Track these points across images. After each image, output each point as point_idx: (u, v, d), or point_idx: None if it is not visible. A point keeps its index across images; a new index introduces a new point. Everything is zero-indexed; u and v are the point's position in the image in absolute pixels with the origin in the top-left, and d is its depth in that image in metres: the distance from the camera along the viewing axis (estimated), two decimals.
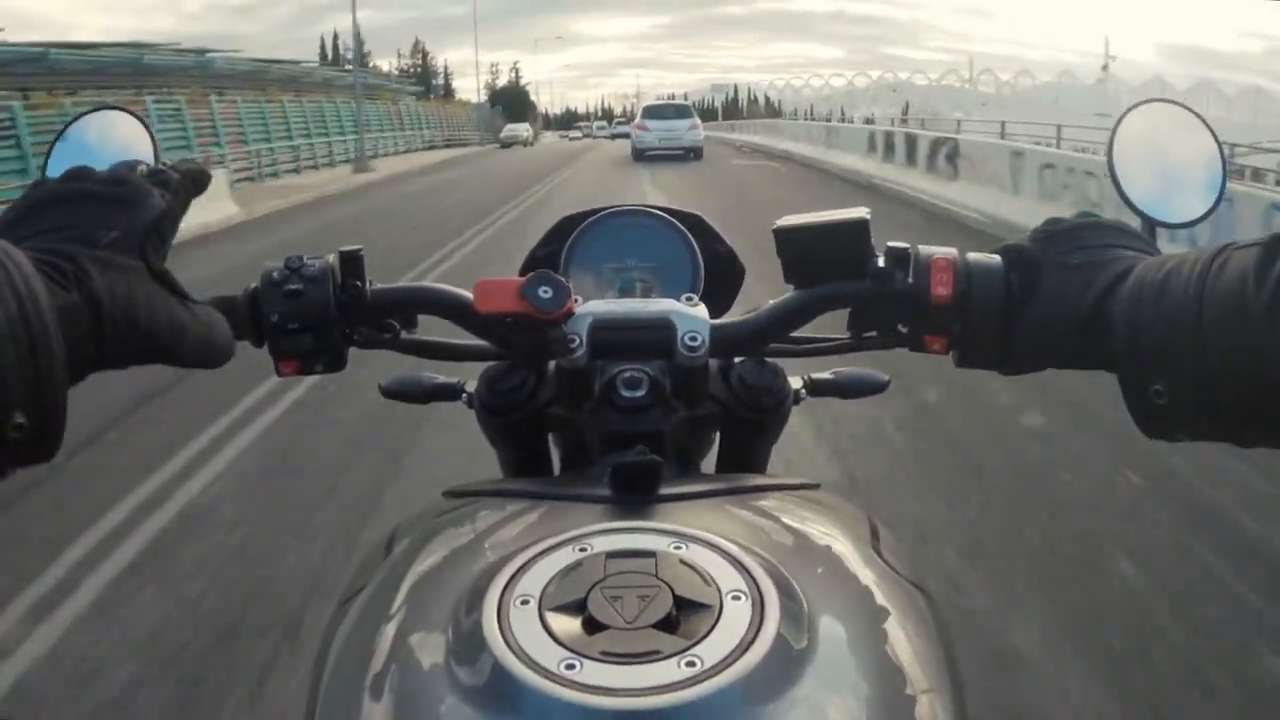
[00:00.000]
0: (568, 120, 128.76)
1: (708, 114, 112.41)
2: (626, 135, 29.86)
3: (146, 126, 0.74)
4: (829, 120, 42.88)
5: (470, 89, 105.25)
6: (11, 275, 0.44)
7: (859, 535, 0.61)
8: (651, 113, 24.13)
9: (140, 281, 0.51)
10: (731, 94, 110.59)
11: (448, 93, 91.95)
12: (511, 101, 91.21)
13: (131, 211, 0.52)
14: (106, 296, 0.48)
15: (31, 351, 0.44)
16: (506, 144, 46.00)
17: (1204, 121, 0.75)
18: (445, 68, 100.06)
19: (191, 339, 0.54)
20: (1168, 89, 46.55)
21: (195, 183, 0.57)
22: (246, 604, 2.46)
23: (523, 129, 50.40)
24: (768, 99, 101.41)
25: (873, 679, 0.47)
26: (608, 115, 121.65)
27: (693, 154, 22.11)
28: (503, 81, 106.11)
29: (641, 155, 22.23)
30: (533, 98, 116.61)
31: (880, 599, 0.53)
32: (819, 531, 0.60)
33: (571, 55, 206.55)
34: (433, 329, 0.77)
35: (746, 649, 0.43)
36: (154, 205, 0.53)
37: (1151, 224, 0.71)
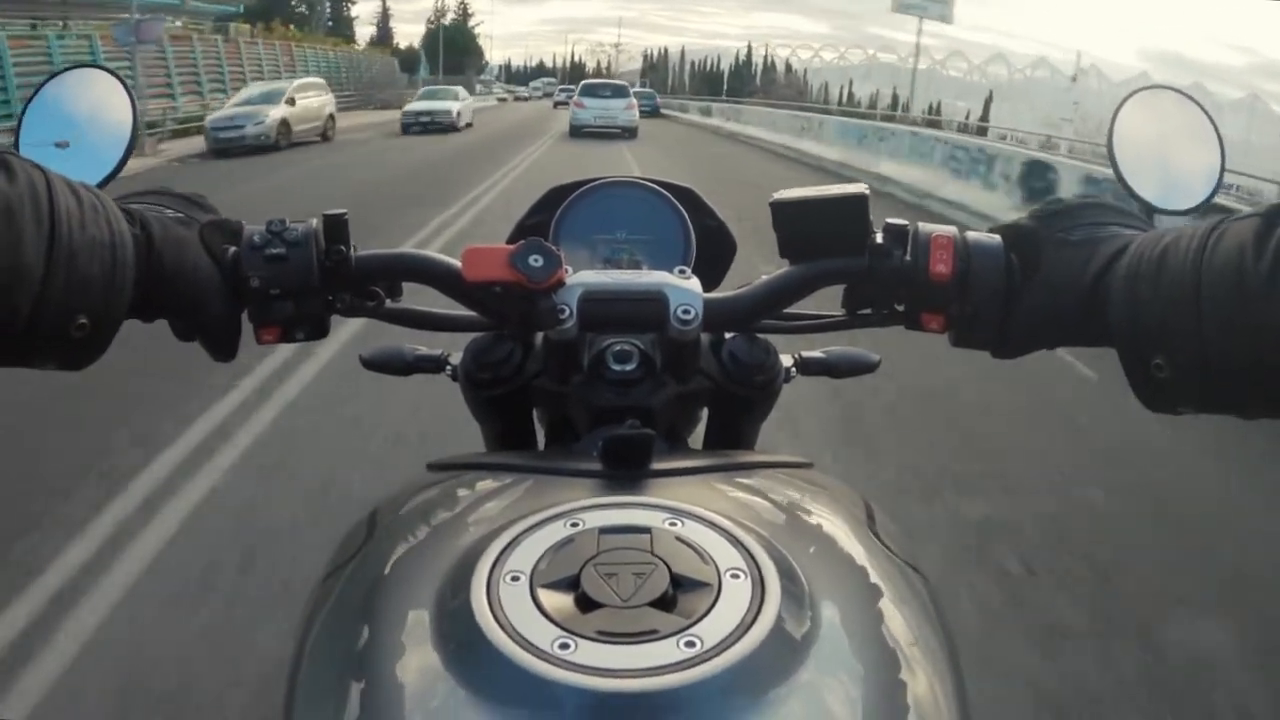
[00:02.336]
0: (535, 74, 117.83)
1: (712, 81, 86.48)
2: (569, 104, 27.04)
3: (124, 85, 0.72)
4: (873, 108, 34.70)
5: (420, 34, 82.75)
6: (108, 212, 0.56)
7: (855, 515, 0.60)
8: (589, 90, 23.99)
9: (189, 246, 0.61)
10: (744, 55, 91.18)
11: (384, 36, 70.82)
12: (450, 48, 66.69)
13: (196, 209, 0.65)
14: (159, 240, 0.59)
15: (113, 271, 0.54)
16: (222, 147, 15.59)
17: (1203, 109, 0.75)
18: (384, 6, 73.88)
19: (210, 306, 0.62)
20: (1104, 78, 46.58)
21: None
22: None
23: (274, 99, 17.43)
24: (789, 66, 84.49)
25: (873, 662, 0.46)
26: (576, 70, 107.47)
27: (627, 133, 22.00)
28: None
29: (579, 132, 21.98)
30: (482, 42, 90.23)
31: (879, 580, 0.52)
32: (815, 510, 0.59)
33: (550, 9, 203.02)
34: (418, 298, 0.75)
35: (748, 629, 0.42)
36: (214, 209, 0.66)
37: (1149, 209, 0.71)
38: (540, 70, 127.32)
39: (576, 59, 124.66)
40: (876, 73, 68.91)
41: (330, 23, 55.46)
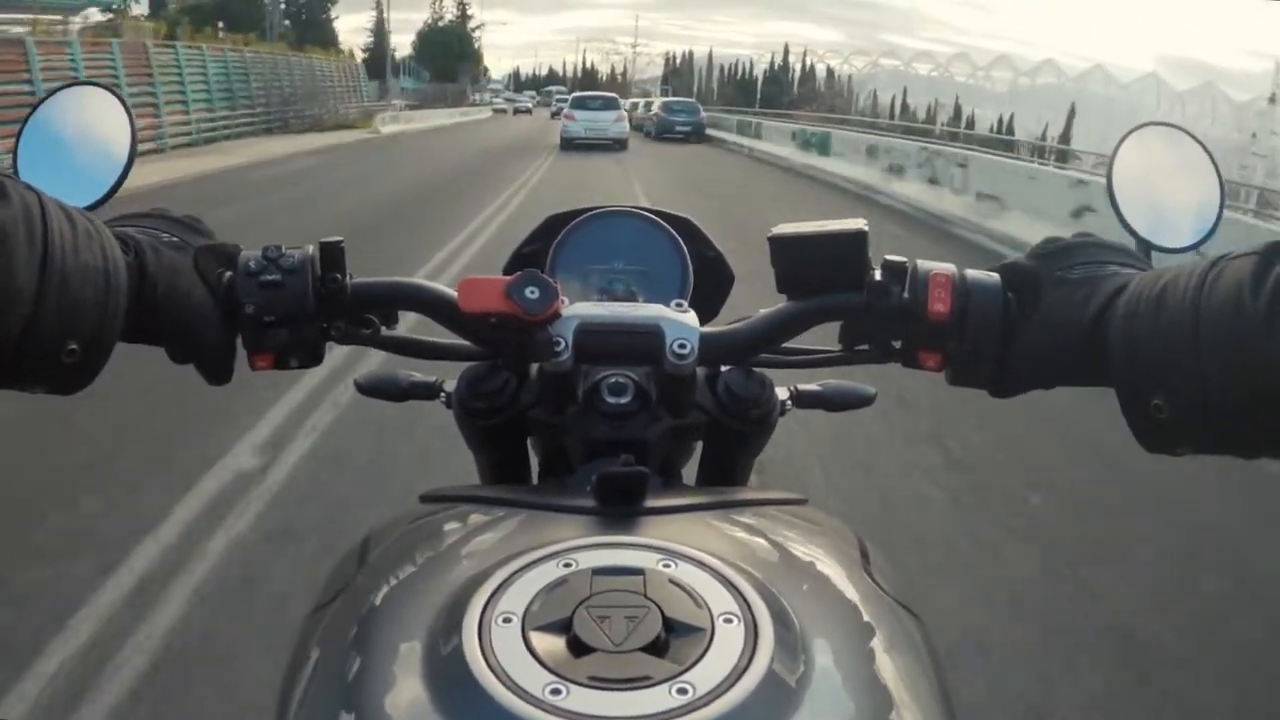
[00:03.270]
0: (546, 82, 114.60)
1: (745, 88, 75.24)
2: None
3: (122, 102, 0.71)
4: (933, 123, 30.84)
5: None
6: (102, 238, 0.56)
7: (850, 555, 0.59)
8: (579, 103, 24.15)
9: (182, 272, 0.61)
10: (780, 59, 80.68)
11: (380, 45, 55.37)
12: (445, 52, 59.39)
13: (192, 233, 0.65)
14: (152, 266, 0.60)
15: (105, 296, 0.54)
16: None
17: (1204, 146, 0.75)
18: (379, 14, 57.30)
19: (204, 332, 0.62)
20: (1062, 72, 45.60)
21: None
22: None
23: None
24: (830, 71, 76.42)
25: (866, 708, 0.46)
26: (587, 77, 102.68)
27: (617, 144, 22.10)
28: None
29: (570, 144, 21.92)
30: (483, 48, 77.17)
31: (873, 623, 0.52)
32: (810, 551, 0.59)
33: (564, 19, 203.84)
34: (413, 326, 0.75)
35: (740, 676, 0.42)
36: (210, 232, 0.66)
37: (1147, 247, 0.70)
38: (551, 78, 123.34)
39: (589, 65, 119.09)
40: (912, 82, 66.39)
41: (287, 23, 44.29)
